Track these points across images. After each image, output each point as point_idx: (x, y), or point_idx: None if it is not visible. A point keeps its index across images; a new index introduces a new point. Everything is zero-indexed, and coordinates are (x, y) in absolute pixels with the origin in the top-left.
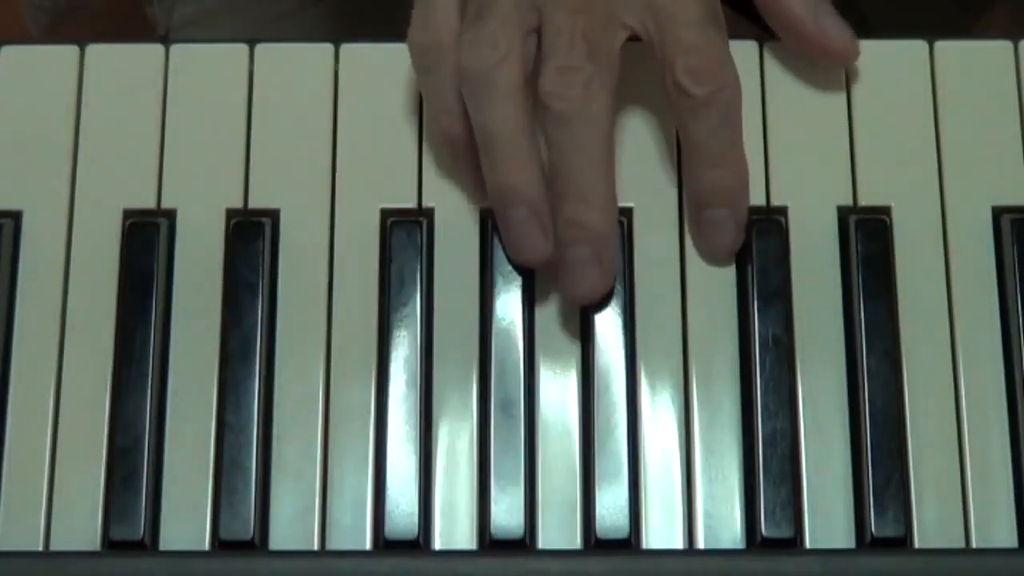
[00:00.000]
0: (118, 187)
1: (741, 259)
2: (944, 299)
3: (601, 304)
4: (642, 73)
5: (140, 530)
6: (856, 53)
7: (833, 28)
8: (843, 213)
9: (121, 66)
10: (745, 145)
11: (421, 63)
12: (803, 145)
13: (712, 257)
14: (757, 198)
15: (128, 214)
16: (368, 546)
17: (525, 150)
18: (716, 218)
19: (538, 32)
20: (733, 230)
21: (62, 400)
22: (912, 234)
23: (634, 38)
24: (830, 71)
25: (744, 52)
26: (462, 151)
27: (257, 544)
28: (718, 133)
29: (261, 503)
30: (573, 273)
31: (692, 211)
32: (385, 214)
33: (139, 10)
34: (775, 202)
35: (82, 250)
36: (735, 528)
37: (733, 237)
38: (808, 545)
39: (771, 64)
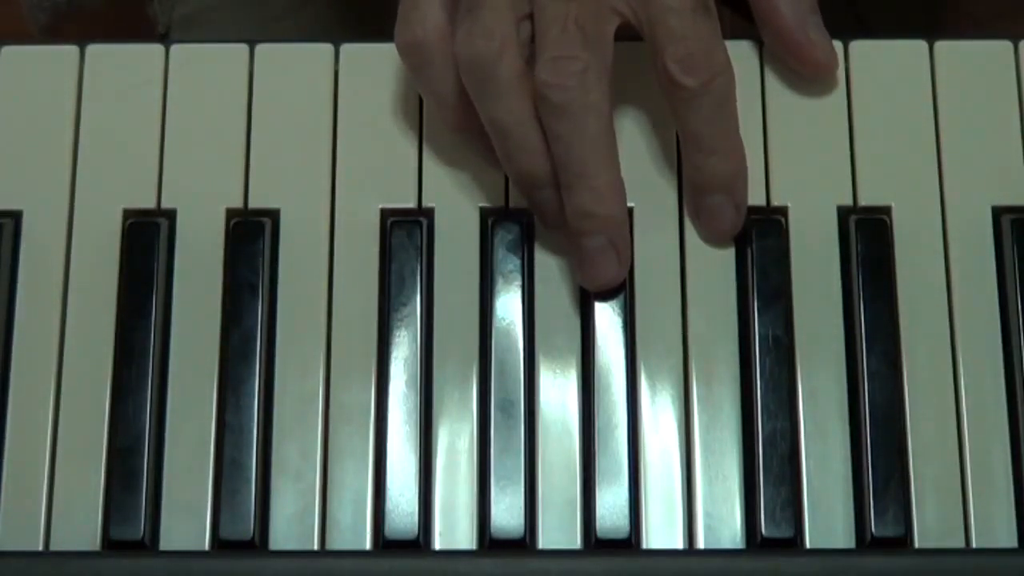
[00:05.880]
0: (118, 187)
1: (741, 259)
2: (944, 299)
3: (601, 304)
4: (641, 73)
5: (140, 530)
6: (836, 67)
7: (819, 41)
8: (843, 213)
9: (121, 66)
10: (745, 145)
11: (411, 63)
12: (803, 145)
13: (712, 242)
14: (757, 198)
15: (128, 214)
16: (368, 546)
17: (538, 136)
18: (715, 204)
19: (530, 20)
20: (732, 215)
21: (62, 400)
22: (912, 234)
23: (627, 26)
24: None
25: (744, 52)
26: (473, 138)
27: (257, 544)
28: (712, 121)
29: (261, 503)
30: (590, 263)
31: (690, 198)
32: (385, 214)
33: (139, 10)
34: (775, 202)
35: (82, 250)
36: (735, 528)
37: (733, 222)
38: (808, 545)
39: (771, 64)
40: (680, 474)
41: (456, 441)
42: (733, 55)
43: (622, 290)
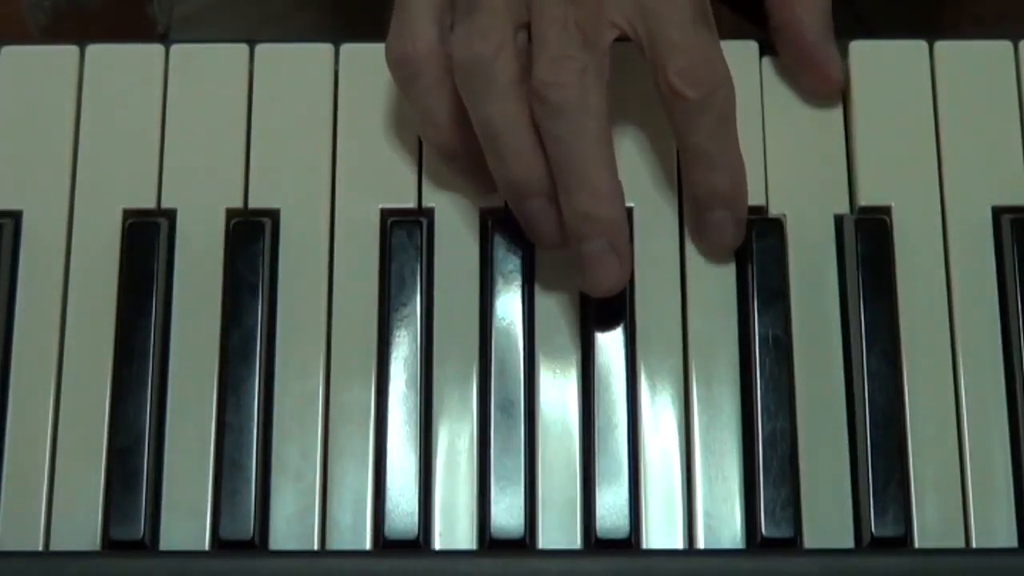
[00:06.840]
0: (118, 187)
1: (741, 259)
2: (944, 299)
3: (601, 304)
4: (640, 73)
5: (140, 530)
6: (842, 85)
7: (834, 58)
8: (843, 214)
9: (121, 66)
10: (744, 145)
11: (400, 76)
12: (803, 146)
13: (714, 256)
14: (756, 199)
15: (128, 214)
16: (368, 546)
17: (531, 142)
18: (716, 220)
19: (527, 30)
20: (733, 230)
21: (62, 400)
22: (912, 234)
23: (623, 39)
24: None
25: (744, 51)
26: (454, 157)
27: (257, 544)
28: (714, 136)
29: (261, 503)
30: (592, 267)
31: (692, 213)
32: (385, 214)
33: (139, 10)
34: (774, 201)
35: (82, 250)
36: (735, 528)
37: (734, 236)
38: (808, 545)
39: (770, 62)
40: (680, 474)
41: (456, 441)
42: (732, 54)
43: (622, 290)
